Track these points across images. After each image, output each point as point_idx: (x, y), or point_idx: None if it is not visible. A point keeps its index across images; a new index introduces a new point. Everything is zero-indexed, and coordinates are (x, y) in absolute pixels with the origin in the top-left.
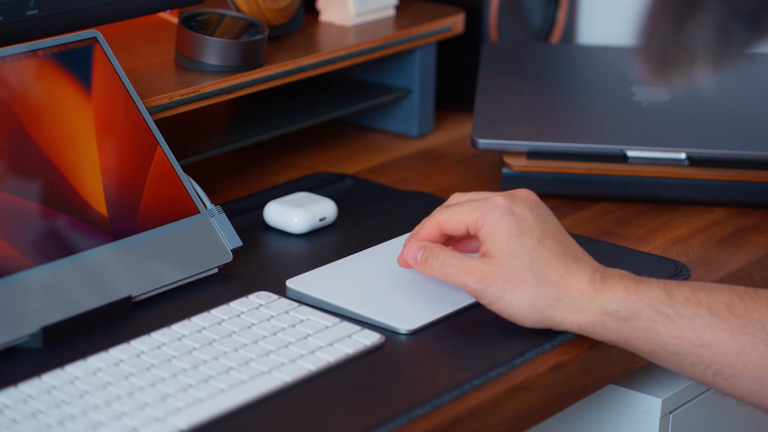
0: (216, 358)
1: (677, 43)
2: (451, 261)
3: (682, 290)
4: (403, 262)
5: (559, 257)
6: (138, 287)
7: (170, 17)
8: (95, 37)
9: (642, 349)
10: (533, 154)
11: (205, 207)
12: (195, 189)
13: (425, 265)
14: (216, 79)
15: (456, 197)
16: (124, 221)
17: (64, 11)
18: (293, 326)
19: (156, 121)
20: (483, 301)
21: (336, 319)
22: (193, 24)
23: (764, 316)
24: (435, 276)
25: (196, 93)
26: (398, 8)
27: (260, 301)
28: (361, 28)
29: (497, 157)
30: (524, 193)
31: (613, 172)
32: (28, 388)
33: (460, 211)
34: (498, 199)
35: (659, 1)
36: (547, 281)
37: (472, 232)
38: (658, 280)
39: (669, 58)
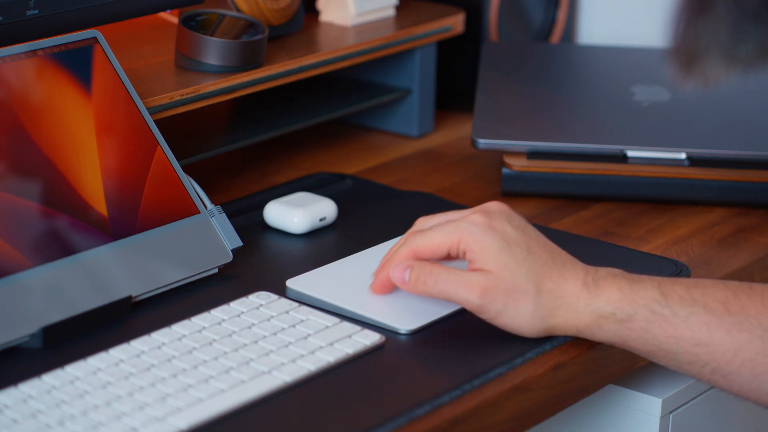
0: (216, 358)
1: (694, 43)
2: (447, 277)
3: (676, 289)
4: (381, 288)
5: (550, 264)
6: (138, 287)
7: (170, 17)
8: (95, 37)
9: (639, 350)
10: (533, 154)
11: (205, 207)
12: (195, 189)
13: (417, 284)
14: (216, 79)
15: (423, 221)
16: (124, 221)
17: (64, 11)
18: (293, 326)
19: (156, 121)
20: (485, 316)
21: (336, 319)
22: (193, 24)
23: (760, 313)
24: (430, 295)
25: (196, 93)
26: (398, 8)
27: (260, 301)
28: (361, 28)
29: (497, 157)
30: (496, 206)
31: (613, 172)
32: (28, 388)
33: (437, 234)
34: (474, 216)
35: (680, 3)
36: (545, 289)
37: (453, 254)
38: (651, 278)
39: (689, 59)
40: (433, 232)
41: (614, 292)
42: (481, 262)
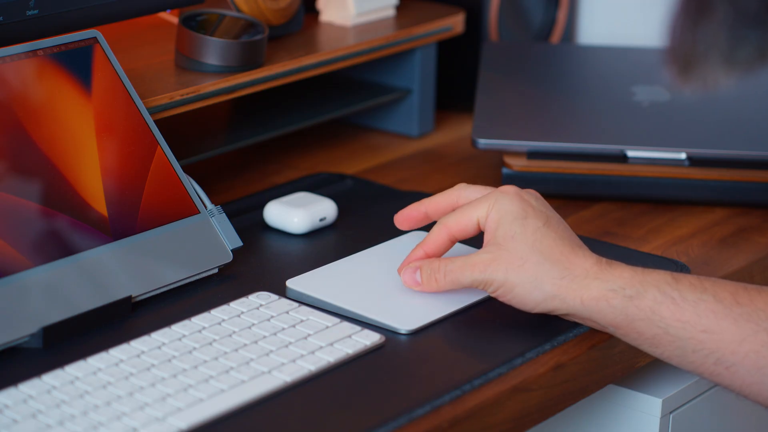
0: (216, 358)
1: (692, 47)
2: (453, 266)
3: (687, 278)
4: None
5: (564, 241)
6: (138, 287)
7: (170, 17)
8: (95, 37)
9: (644, 333)
10: (533, 154)
11: (205, 207)
12: (195, 189)
13: (430, 282)
14: (216, 79)
15: (463, 187)
16: (124, 221)
17: (64, 11)
18: (293, 326)
19: (156, 121)
20: (490, 289)
21: (336, 320)
22: (193, 24)
23: None
24: (444, 288)
25: (196, 93)
26: (398, 8)
27: (260, 301)
28: (361, 28)
29: (497, 157)
30: (531, 190)
31: (613, 172)
32: (28, 388)
33: (468, 208)
34: (506, 187)
35: (679, 5)
36: (551, 259)
37: (482, 225)
38: (663, 270)
39: (689, 61)
40: (464, 208)
41: (626, 270)
42: (494, 231)
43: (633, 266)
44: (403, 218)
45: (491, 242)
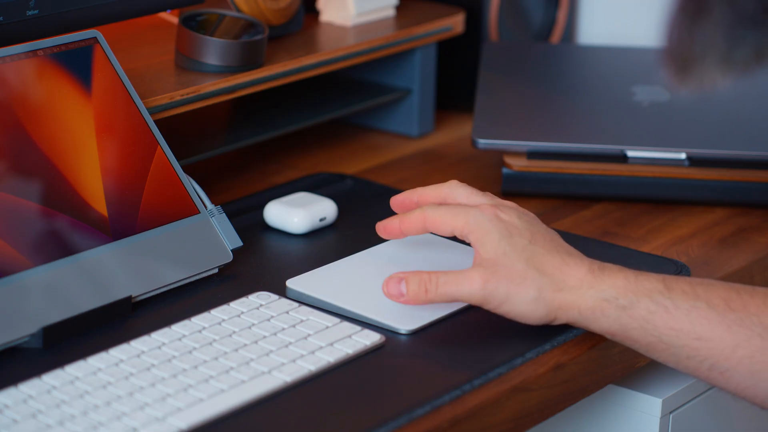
0: (216, 359)
1: (690, 47)
2: (447, 278)
3: (680, 284)
4: (385, 230)
5: (553, 253)
6: (138, 287)
7: (170, 17)
8: (95, 37)
9: (639, 341)
10: (533, 154)
11: (205, 207)
12: (195, 189)
13: (419, 293)
14: (216, 79)
15: (456, 184)
16: (124, 221)
17: (64, 11)
18: (293, 326)
19: (156, 121)
20: (489, 306)
21: (336, 320)
22: (193, 24)
23: (761, 311)
24: (432, 301)
25: (196, 93)
26: (398, 8)
27: (260, 301)
28: (361, 28)
29: (497, 157)
30: (510, 203)
31: (613, 172)
32: (28, 388)
33: (448, 213)
34: (485, 206)
35: (676, 5)
36: (546, 273)
37: (458, 235)
38: (657, 274)
39: (686, 62)
40: (447, 209)
41: (619, 279)
42: (482, 249)
43: (626, 271)
44: (397, 202)
45: (482, 258)
